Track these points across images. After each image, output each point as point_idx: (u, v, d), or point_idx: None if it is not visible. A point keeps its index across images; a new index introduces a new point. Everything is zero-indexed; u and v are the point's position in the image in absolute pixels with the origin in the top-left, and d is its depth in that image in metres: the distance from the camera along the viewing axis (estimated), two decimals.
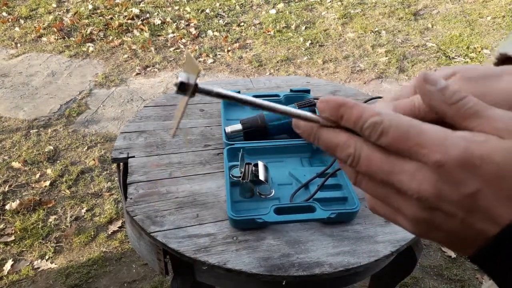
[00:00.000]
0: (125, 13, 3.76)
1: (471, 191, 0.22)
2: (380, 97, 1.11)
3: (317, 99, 1.13)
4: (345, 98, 0.26)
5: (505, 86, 0.27)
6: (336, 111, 0.26)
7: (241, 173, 0.84)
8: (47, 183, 2.00)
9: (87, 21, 3.64)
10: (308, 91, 1.14)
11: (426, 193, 0.23)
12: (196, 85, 0.27)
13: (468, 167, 0.22)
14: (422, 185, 0.23)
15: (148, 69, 3.03)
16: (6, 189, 1.96)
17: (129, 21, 3.63)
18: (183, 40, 3.40)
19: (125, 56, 3.18)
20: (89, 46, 3.30)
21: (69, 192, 1.95)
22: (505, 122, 0.23)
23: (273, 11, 3.86)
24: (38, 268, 1.63)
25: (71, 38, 3.42)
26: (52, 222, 1.81)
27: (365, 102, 1.07)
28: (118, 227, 1.79)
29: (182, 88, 0.26)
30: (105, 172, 2.08)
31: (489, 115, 0.23)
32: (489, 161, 0.22)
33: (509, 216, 0.22)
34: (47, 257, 1.67)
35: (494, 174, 0.22)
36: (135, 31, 3.53)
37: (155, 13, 3.80)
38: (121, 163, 0.96)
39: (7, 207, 1.85)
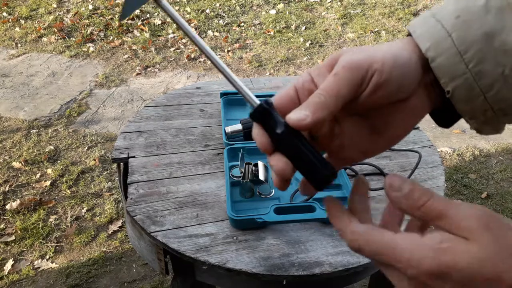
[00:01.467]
0: None
1: None
2: None
3: None
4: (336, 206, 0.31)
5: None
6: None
7: (241, 173, 0.85)
8: (48, 183, 2.00)
9: (87, 21, 3.64)
10: None
11: None
12: None
13: (439, 276, 0.25)
14: None
15: (148, 69, 3.03)
16: (7, 189, 1.97)
17: (129, 21, 3.64)
18: (183, 40, 3.40)
19: (126, 56, 3.18)
20: (89, 46, 3.30)
21: (69, 192, 1.95)
22: (467, 221, 0.25)
23: (273, 12, 3.87)
24: (39, 268, 1.63)
25: (71, 38, 3.42)
26: (53, 222, 1.81)
27: None
28: (119, 227, 1.80)
29: None
30: (105, 172, 2.09)
31: (452, 215, 0.26)
32: (456, 268, 0.25)
33: None
34: (47, 257, 1.67)
35: (462, 278, 0.25)
36: (135, 31, 3.53)
37: (155, 13, 3.80)
38: (121, 163, 0.97)
39: (8, 207, 1.86)
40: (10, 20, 3.68)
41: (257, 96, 0.32)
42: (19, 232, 1.75)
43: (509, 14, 0.29)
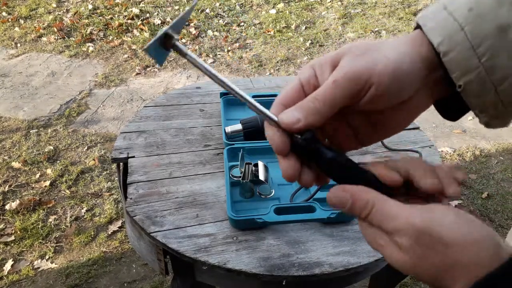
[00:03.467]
0: (125, 13, 3.76)
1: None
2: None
3: None
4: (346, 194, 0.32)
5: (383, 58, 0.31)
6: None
7: (241, 173, 0.84)
8: (47, 183, 2.00)
9: (87, 21, 3.64)
10: None
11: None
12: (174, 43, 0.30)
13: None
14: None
15: (148, 69, 3.02)
16: (6, 189, 1.96)
17: (129, 21, 3.63)
18: (183, 40, 3.40)
19: (125, 56, 3.18)
20: (89, 46, 3.30)
21: (69, 192, 1.95)
22: (400, 237, 0.28)
23: (273, 11, 3.86)
24: (38, 268, 1.63)
25: (71, 38, 3.42)
26: (52, 222, 1.81)
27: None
28: (118, 227, 1.79)
29: (162, 41, 0.30)
30: (105, 172, 2.08)
31: (389, 230, 0.29)
32: (386, 260, 0.30)
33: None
34: (47, 257, 1.67)
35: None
36: (135, 31, 3.52)
37: (155, 13, 3.80)
38: (121, 163, 0.96)
39: (7, 207, 1.85)
40: (10, 20, 3.68)
41: (257, 96, 0.33)
42: (18, 232, 1.75)
43: None
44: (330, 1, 4.04)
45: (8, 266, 1.62)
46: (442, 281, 0.27)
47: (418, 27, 0.33)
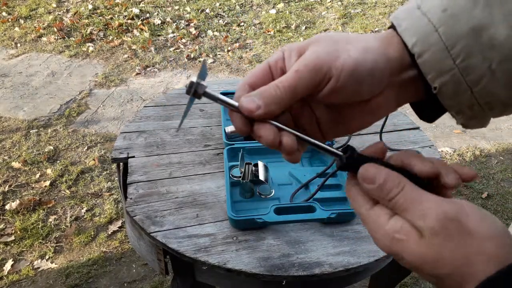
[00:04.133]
0: (125, 13, 3.76)
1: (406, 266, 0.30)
2: None
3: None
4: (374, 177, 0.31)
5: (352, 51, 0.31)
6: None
7: (241, 173, 0.84)
8: (47, 183, 2.00)
9: (87, 21, 3.64)
10: None
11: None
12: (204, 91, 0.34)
13: (394, 256, 0.30)
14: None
15: (148, 69, 3.02)
16: (6, 189, 1.96)
17: (129, 21, 3.63)
18: (183, 40, 3.40)
19: (125, 56, 3.18)
20: (89, 46, 3.30)
21: (69, 192, 1.95)
22: (426, 220, 0.28)
23: (273, 11, 3.86)
24: (38, 268, 1.63)
25: (71, 38, 3.42)
26: (52, 222, 1.81)
27: None
28: (118, 227, 1.79)
29: (192, 91, 0.33)
30: (105, 172, 2.08)
31: (415, 213, 0.28)
32: (404, 258, 0.29)
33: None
34: (47, 257, 1.67)
35: (409, 266, 0.29)
36: (135, 31, 3.52)
37: (155, 13, 3.80)
38: (121, 163, 0.96)
39: (7, 207, 1.85)
40: (10, 20, 3.68)
41: None
42: (18, 232, 1.75)
43: (497, 8, 0.28)
44: (330, 1, 4.04)
45: (8, 266, 1.62)
46: (462, 268, 0.27)
47: (391, 26, 0.32)
